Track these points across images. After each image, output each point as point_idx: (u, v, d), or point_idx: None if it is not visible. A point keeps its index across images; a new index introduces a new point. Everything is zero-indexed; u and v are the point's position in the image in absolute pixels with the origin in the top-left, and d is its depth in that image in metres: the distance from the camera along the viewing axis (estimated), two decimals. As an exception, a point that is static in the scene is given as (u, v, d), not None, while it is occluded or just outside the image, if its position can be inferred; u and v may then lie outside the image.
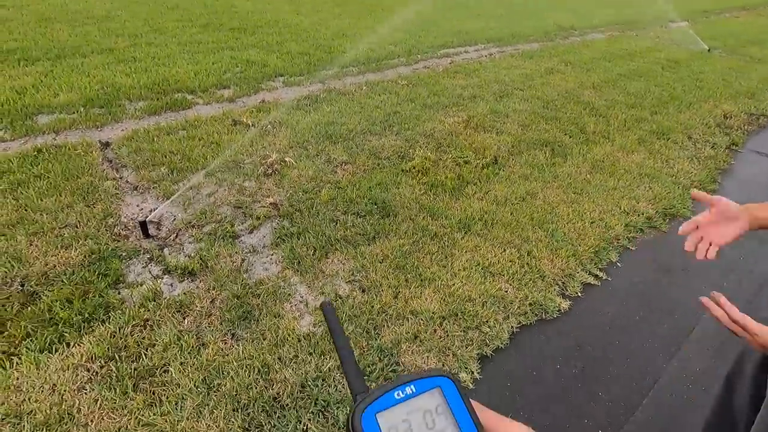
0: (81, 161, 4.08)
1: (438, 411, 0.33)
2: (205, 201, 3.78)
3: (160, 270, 3.10)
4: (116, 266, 3.03)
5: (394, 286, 3.05)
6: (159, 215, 3.58)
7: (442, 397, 0.34)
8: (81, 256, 3.08)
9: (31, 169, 3.88)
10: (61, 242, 3.15)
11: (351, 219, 3.70)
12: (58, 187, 3.70)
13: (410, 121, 5.59)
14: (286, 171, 4.27)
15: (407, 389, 0.34)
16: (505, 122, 5.88)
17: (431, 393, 0.34)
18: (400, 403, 0.33)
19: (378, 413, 0.33)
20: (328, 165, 4.48)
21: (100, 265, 3.04)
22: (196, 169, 4.17)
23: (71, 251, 3.11)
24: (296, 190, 4.03)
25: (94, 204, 3.59)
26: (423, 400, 0.34)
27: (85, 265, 3.03)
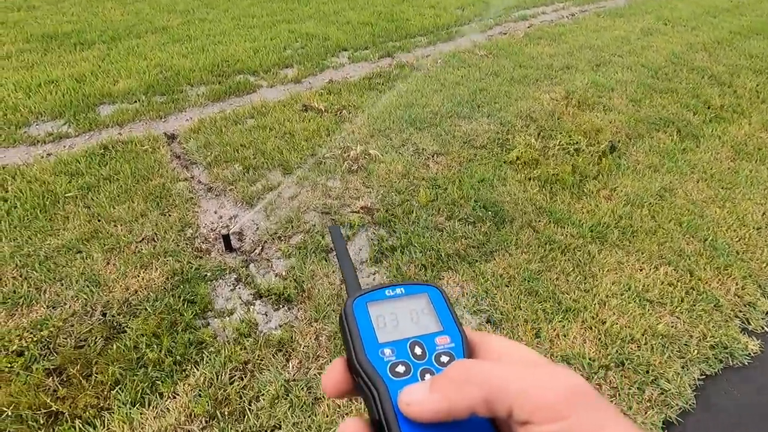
0: (150, 159, 3.69)
1: (423, 312, 0.34)
2: (287, 206, 3.31)
3: (250, 294, 2.67)
4: (203, 291, 2.63)
5: (531, 319, 2.48)
6: (240, 225, 3.14)
7: (429, 302, 0.35)
8: (163, 278, 2.70)
9: (100, 171, 3.53)
10: (140, 261, 2.78)
11: (459, 227, 3.12)
12: (129, 192, 3.34)
13: (500, 100, 4.84)
14: (372, 166, 3.71)
15: (397, 290, 0.35)
16: (611, 97, 5.00)
17: (419, 296, 0.35)
18: (390, 299, 0.35)
19: (369, 302, 0.34)
20: (418, 157, 3.88)
21: (184, 288, 2.65)
22: (272, 166, 3.69)
23: (152, 272, 2.73)
24: (388, 190, 3.48)
25: (170, 211, 3.20)
26: (410, 301, 0.35)
27: (168, 289, 2.64)
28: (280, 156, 3.80)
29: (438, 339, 0.32)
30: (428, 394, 0.27)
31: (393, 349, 0.31)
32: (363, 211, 3.27)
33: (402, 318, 0.34)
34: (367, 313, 0.34)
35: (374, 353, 0.31)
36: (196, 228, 3.09)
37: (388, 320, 0.33)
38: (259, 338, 2.40)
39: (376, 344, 0.32)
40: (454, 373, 0.27)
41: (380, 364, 0.30)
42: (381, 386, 0.29)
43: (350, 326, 0.33)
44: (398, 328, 0.33)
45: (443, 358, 0.31)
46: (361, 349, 0.31)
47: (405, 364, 0.31)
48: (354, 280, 0.39)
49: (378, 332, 0.32)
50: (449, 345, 0.32)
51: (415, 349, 0.32)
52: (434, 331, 0.33)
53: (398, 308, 0.34)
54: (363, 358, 0.31)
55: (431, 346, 0.32)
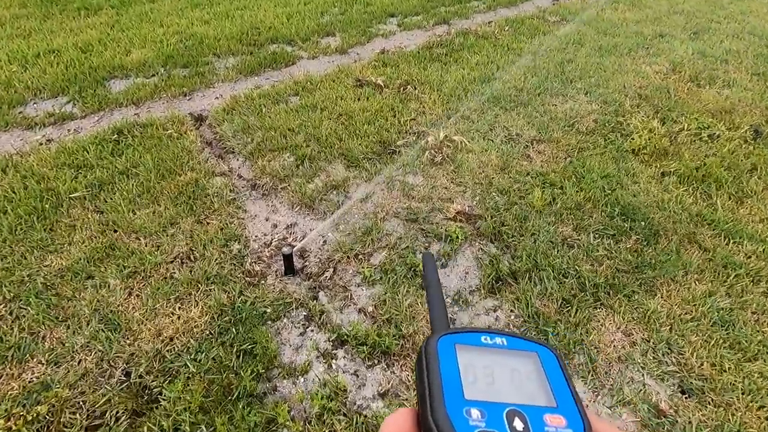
0: (176, 147, 2.90)
1: (530, 376, 0.25)
2: (360, 210, 2.52)
3: (328, 340, 1.91)
4: (263, 336, 1.87)
5: (750, 389, 1.69)
6: (307, 239, 2.36)
7: (539, 366, 0.26)
8: (207, 317, 1.94)
9: (114, 162, 2.75)
10: (174, 290, 2.02)
11: (596, 242, 2.32)
12: (152, 191, 2.56)
13: (594, 73, 3.96)
14: (460, 157, 2.89)
15: (497, 339, 0.27)
16: (726, 70, 4.09)
17: (526, 355, 0.26)
18: (486, 348, 0.26)
19: (458, 345, 0.26)
20: (513, 145, 3.05)
21: (237, 332, 1.89)
22: (332, 156, 2.89)
23: (190, 307, 1.97)
24: (487, 189, 2.67)
25: (207, 218, 2.43)
26: (514, 358, 0.26)
27: (215, 333, 1.88)
28: (339, 143, 2.99)
29: (549, 417, 0.23)
30: None
31: (483, 413, 0.23)
32: (461, 218, 2.47)
33: (500, 376, 0.25)
34: (454, 358, 0.25)
35: (457, 410, 0.23)
36: (245, 242, 2.32)
37: (480, 374, 0.25)
38: (352, 415, 1.64)
39: (461, 400, 0.23)
40: None
41: (463, 426, 0.22)
42: None
43: (430, 369, 0.25)
44: (494, 388, 0.24)
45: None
46: (441, 401, 0.23)
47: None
48: (443, 316, 0.30)
49: (466, 385, 0.24)
50: (565, 429, 0.23)
51: (515, 422, 0.23)
52: (544, 404, 0.24)
53: (496, 362, 0.25)
54: (442, 415, 0.22)
55: (538, 423, 0.23)
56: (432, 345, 0.26)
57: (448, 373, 0.25)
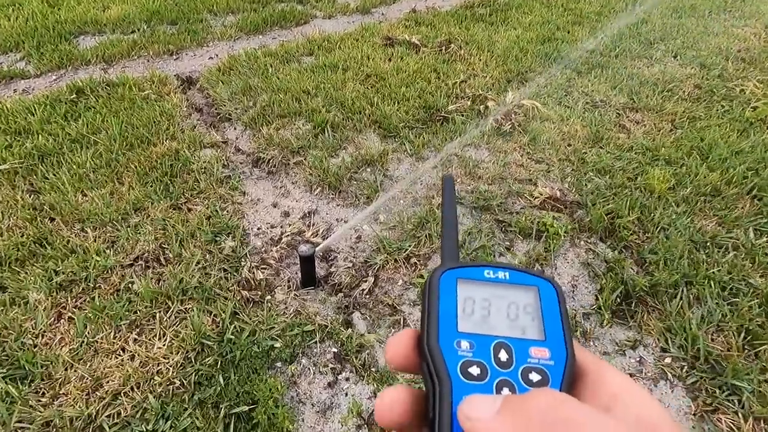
0: (153, 111, 2.17)
1: (526, 309, 0.26)
2: (407, 195, 1.78)
3: (373, 395, 1.17)
4: (269, 391, 1.13)
5: None
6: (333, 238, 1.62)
7: (537, 299, 0.26)
8: (178, 357, 1.20)
9: (66, 128, 2.02)
10: (129, 311, 1.28)
11: (763, 243, 1.57)
12: (114, 165, 1.83)
13: (678, 34, 3.21)
14: (536, 126, 2.14)
15: (500, 273, 0.26)
16: (835, 34, 3.33)
17: (526, 288, 0.26)
18: (487, 282, 0.26)
19: (460, 279, 0.26)
20: (599, 113, 2.30)
21: (226, 383, 1.15)
22: (362, 124, 2.15)
23: (153, 340, 1.24)
24: (578, 167, 1.93)
25: (189, 202, 1.69)
26: (513, 291, 0.26)
27: (189, 387, 1.15)
28: (370, 108, 2.25)
29: (534, 349, 0.24)
30: (495, 416, 0.20)
31: (472, 344, 0.24)
32: (552, 205, 1.73)
33: (496, 309, 0.26)
34: (454, 292, 0.26)
35: (448, 342, 0.24)
36: (242, 237, 1.58)
37: (477, 307, 0.26)
38: None
39: (454, 332, 0.24)
40: (537, 403, 0.19)
41: (452, 356, 0.24)
42: (445, 383, 0.23)
43: (430, 302, 0.25)
44: (487, 321, 0.25)
45: (533, 375, 0.23)
46: (435, 332, 0.24)
47: (481, 367, 0.23)
48: (453, 249, 0.29)
49: (461, 318, 0.25)
50: (546, 361, 0.24)
51: (501, 353, 0.24)
52: (532, 337, 0.25)
53: (495, 296, 0.26)
54: (433, 344, 0.24)
55: (522, 355, 0.24)
56: (435, 278, 0.26)
57: (446, 306, 0.25)
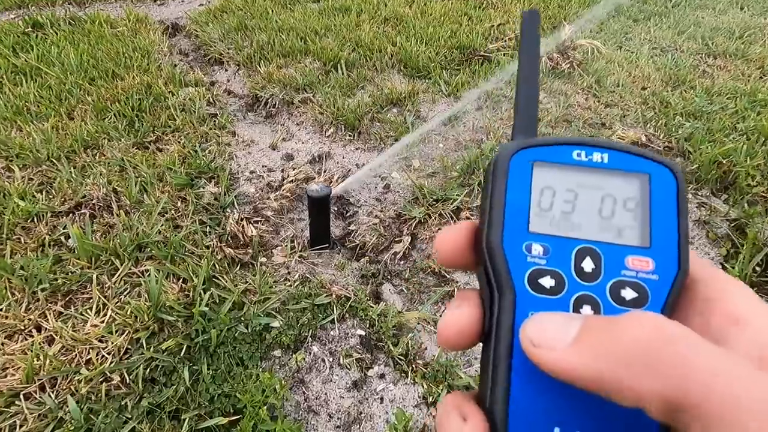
0: (124, 46, 1.75)
1: (627, 205, 0.18)
2: (448, 137, 1.36)
3: (421, 401, 0.75)
4: (259, 393, 0.71)
5: None
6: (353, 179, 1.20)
7: (646, 192, 0.18)
8: (123, 340, 0.78)
9: (12, 59, 1.59)
10: (59, 275, 0.86)
11: None
12: (65, 97, 1.40)
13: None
14: (597, 66, 1.73)
15: (596, 155, 0.19)
16: None
17: (631, 177, 0.19)
18: (576, 167, 0.19)
19: (536, 162, 0.19)
20: (671, 57, 1.89)
21: (207, 380, 0.73)
22: (382, 64, 1.73)
23: (88, 314, 0.81)
24: (661, 111, 1.51)
25: (159, 141, 1.27)
26: (611, 180, 0.19)
27: (137, 389, 0.73)
28: (392, 48, 1.84)
29: (632, 259, 0.18)
30: (570, 345, 0.15)
31: (547, 248, 0.18)
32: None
33: (584, 204, 0.19)
34: (528, 178, 0.19)
35: (515, 243, 0.18)
36: (229, 181, 1.15)
37: (558, 200, 0.19)
38: None
39: (524, 232, 0.18)
40: (632, 331, 0.14)
41: (518, 262, 0.18)
42: (507, 293, 0.17)
43: (494, 190, 0.19)
44: (570, 219, 0.19)
45: (626, 292, 0.17)
46: (498, 230, 0.18)
47: (557, 278, 0.18)
48: (529, 118, 0.21)
49: (534, 214, 0.19)
50: (648, 275, 0.17)
51: (585, 261, 0.18)
52: (632, 243, 0.18)
53: (584, 185, 0.19)
54: (495, 244, 0.18)
55: (615, 265, 0.18)
56: (504, 158, 0.19)
57: (515, 196, 0.19)
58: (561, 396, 0.16)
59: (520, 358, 0.17)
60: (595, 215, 0.19)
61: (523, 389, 0.17)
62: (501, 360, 0.17)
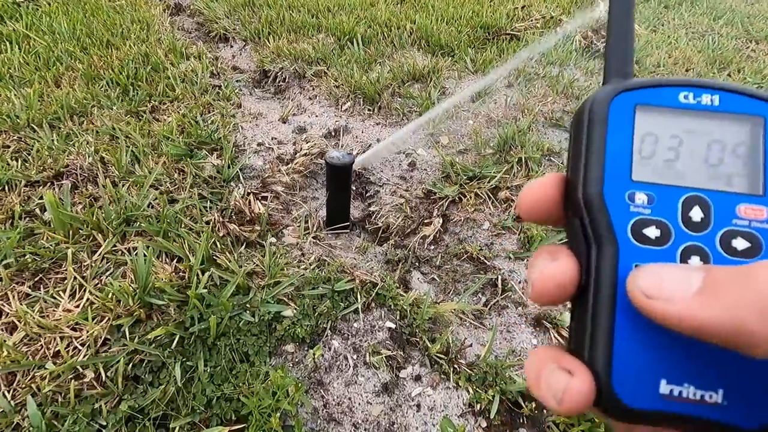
0: (121, 17, 1.63)
1: (739, 151, 0.17)
2: (478, 114, 1.22)
3: (468, 410, 0.60)
4: (275, 394, 0.56)
5: None
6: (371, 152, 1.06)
7: (759, 135, 0.17)
8: (101, 328, 0.64)
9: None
10: (31, 267, 0.72)
11: None
12: (52, 65, 1.27)
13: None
14: (637, 48, 1.60)
15: (705, 97, 0.17)
16: None
17: (744, 119, 0.17)
18: (683, 111, 0.17)
19: (640, 106, 0.17)
20: (712, 40, 1.76)
21: (204, 380, 0.58)
22: (400, 42, 1.60)
23: (60, 297, 0.67)
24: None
25: (157, 110, 1.13)
26: (722, 124, 0.17)
27: (142, 374, 0.58)
28: (411, 25, 1.71)
29: (744, 208, 0.17)
30: (698, 297, 0.14)
31: (651, 197, 0.17)
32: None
33: (690, 150, 0.17)
34: (630, 123, 0.17)
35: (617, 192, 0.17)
36: (234, 153, 1.01)
37: (663, 146, 0.17)
38: None
39: (627, 180, 0.17)
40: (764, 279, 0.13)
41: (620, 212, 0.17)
42: (608, 245, 0.16)
43: (590, 136, 0.17)
44: (675, 166, 0.17)
45: (738, 242, 0.16)
46: (599, 178, 0.17)
47: (663, 228, 0.16)
48: (625, 54, 0.19)
49: (636, 161, 0.17)
50: (763, 224, 0.16)
51: (693, 211, 0.17)
52: (742, 191, 0.17)
53: (690, 131, 0.17)
54: (594, 192, 0.17)
55: (725, 214, 0.16)
56: (601, 103, 0.17)
57: (616, 143, 0.17)
58: (667, 348, 0.16)
59: (624, 311, 0.16)
60: (702, 163, 0.17)
61: (627, 342, 0.16)
62: (602, 312, 0.16)
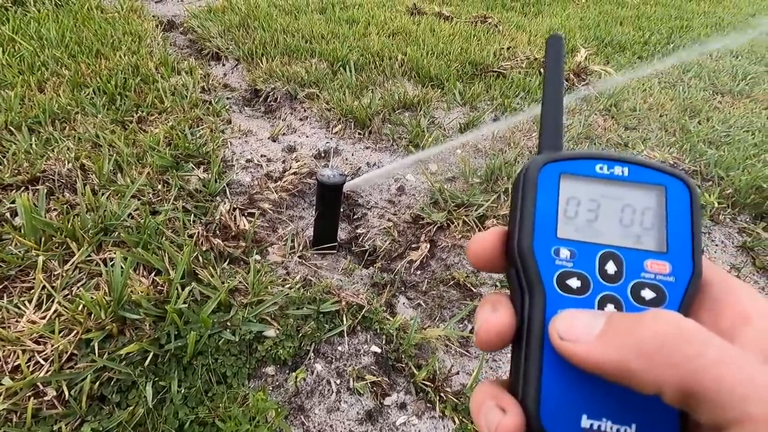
0: (112, 28, 1.62)
1: (646, 214, 0.20)
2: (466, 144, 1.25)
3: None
4: (253, 419, 0.53)
5: None
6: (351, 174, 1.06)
7: (662, 202, 0.20)
8: (67, 343, 0.59)
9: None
10: None
11: None
12: (38, 69, 1.24)
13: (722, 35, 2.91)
14: (614, 92, 1.69)
15: (617, 168, 0.21)
16: None
17: (648, 188, 0.21)
18: (599, 179, 0.21)
19: (564, 174, 0.21)
20: (682, 89, 1.87)
21: (177, 401, 0.54)
22: (391, 72, 1.64)
23: (42, 314, 0.63)
24: (682, 137, 1.45)
25: (145, 121, 1.11)
26: (633, 191, 0.21)
27: (110, 395, 0.54)
28: (402, 56, 1.76)
29: (651, 263, 0.19)
30: (596, 338, 0.16)
31: (573, 252, 0.20)
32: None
33: (607, 212, 0.20)
34: (555, 188, 0.21)
35: (544, 247, 0.20)
36: (222, 167, 1.00)
37: (583, 209, 0.20)
38: None
39: (552, 237, 0.20)
40: (653, 327, 0.15)
41: (547, 264, 0.19)
42: (537, 293, 0.19)
43: (524, 199, 0.20)
44: (594, 226, 0.20)
45: (646, 293, 0.19)
46: (529, 234, 0.20)
47: (583, 279, 0.19)
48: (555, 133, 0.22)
49: (561, 222, 0.20)
50: (665, 277, 0.19)
51: (608, 265, 0.19)
52: (650, 248, 0.20)
53: (606, 196, 0.21)
54: (526, 247, 0.19)
55: (635, 268, 0.19)
56: (533, 170, 0.20)
57: (544, 205, 0.20)
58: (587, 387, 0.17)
59: (550, 353, 0.18)
60: (616, 223, 0.20)
61: (554, 381, 0.17)
62: (533, 355, 0.18)
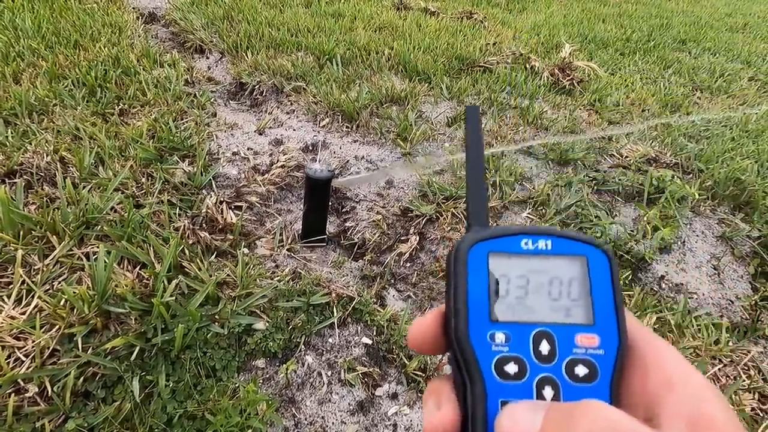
0: (92, 19, 1.57)
1: (572, 286, 0.20)
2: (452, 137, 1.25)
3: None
4: (243, 412, 0.52)
5: None
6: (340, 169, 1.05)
7: (585, 273, 0.21)
8: (49, 337, 0.58)
9: (-48, 16, 1.38)
10: None
11: None
12: (12, 60, 1.20)
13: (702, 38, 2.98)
14: (596, 86, 1.71)
15: (540, 242, 0.21)
16: None
17: (571, 259, 0.21)
18: (525, 255, 0.21)
19: (492, 253, 0.21)
20: (663, 85, 1.91)
21: (165, 395, 0.53)
22: (379, 66, 1.63)
23: (22, 309, 0.61)
24: (664, 131, 1.48)
25: (127, 113, 1.09)
26: (556, 264, 0.21)
27: (95, 390, 0.52)
28: (389, 51, 1.75)
29: (581, 337, 0.19)
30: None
31: (508, 336, 0.19)
32: (655, 165, 1.25)
33: (536, 287, 0.20)
34: (485, 269, 0.20)
35: (480, 334, 0.19)
36: (207, 160, 0.98)
37: (513, 286, 0.20)
38: None
39: (486, 321, 0.19)
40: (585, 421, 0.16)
41: (485, 351, 0.19)
42: (477, 383, 0.19)
43: (456, 283, 0.20)
44: (525, 303, 0.20)
45: (579, 369, 0.19)
46: (464, 322, 0.19)
47: (519, 363, 0.19)
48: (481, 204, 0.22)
49: (494, 303, 0.20)
50: (595, 351, 0.19)
51: (542, 344, 0.19)
52: (579, 322, 0.20)
53: (534, 271, 0.21)
54: (463, 337, 0.19)
55: (567, 344, 0.19)
56: (462, 252, 0.20)
57: (476, 287, 0.20)
58: None
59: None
60: (545, 298, 0.20)
61: None
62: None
